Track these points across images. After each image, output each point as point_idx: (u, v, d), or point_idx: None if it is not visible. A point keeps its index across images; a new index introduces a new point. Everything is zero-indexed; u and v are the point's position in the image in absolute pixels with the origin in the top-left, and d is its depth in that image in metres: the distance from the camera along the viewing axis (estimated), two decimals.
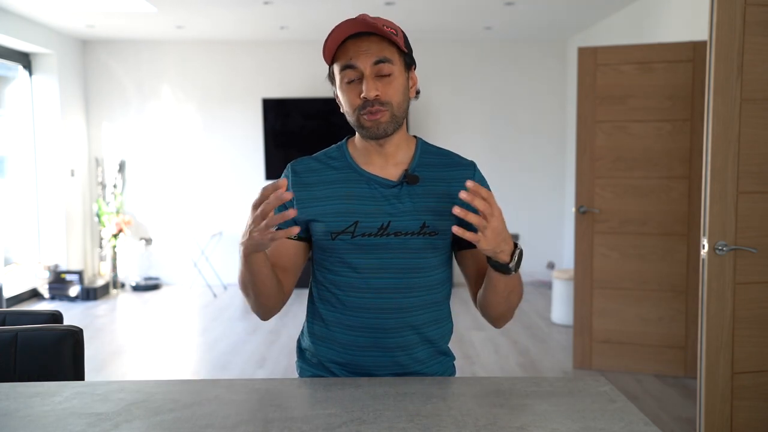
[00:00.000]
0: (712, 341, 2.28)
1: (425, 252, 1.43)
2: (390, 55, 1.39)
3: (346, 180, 1.46)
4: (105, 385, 1.36)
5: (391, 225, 1.41)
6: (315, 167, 1.50)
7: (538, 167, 6.98)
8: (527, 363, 4.33)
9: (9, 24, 5.49)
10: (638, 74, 3.92)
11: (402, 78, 1.42)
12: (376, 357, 1.44)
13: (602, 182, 4.03)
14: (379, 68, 1.38)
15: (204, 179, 6.94)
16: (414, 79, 1.48)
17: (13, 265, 6.22)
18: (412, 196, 1.43)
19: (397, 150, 1.47)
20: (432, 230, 1.42)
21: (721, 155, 2.22)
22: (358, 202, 1.43)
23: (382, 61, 1.38)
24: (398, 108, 1.41)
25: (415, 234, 1.41)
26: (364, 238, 1.41)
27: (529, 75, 6.93)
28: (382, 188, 1.44)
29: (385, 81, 1.39)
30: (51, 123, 6.30)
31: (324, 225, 1.44)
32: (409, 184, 1.44)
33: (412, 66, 1.47)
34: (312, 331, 1.51)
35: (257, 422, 1.15)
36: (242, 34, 6.48)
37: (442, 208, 1.42)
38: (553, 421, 1.15)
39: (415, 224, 1.42)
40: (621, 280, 4.04)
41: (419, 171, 1.46)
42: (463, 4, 5.30)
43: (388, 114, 1.40)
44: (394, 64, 1.40)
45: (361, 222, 1.42)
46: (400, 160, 1.47)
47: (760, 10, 2.19)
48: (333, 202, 1.44)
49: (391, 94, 1.40)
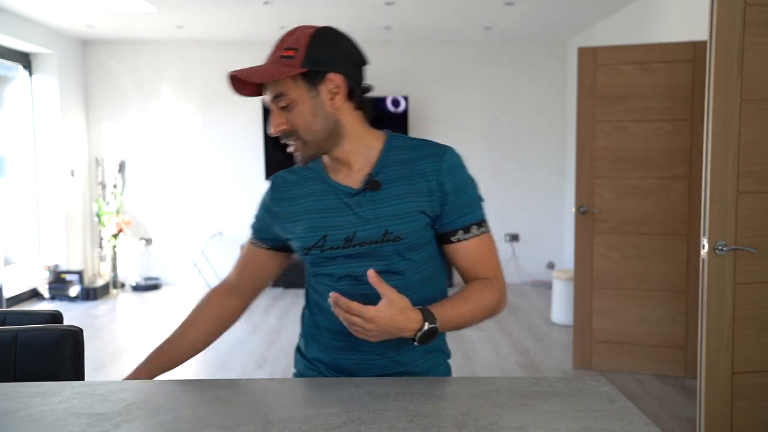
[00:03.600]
0: (712, 341, 2.28)
1: (394, 257, 1.40)
2: (284, 88, 1.35)
3: (317, 192, 1.45)
4: (105, 385, 1.36)
5: (357, 236, 1.40)
6: (291, 180, 1.50)
7: (538, 167, 6.98)
8: (527, 363, 4.33)
9: (9, 24, 5.49)
10: (638, 74, 3.92)
11: (305, 101, 1.36)
12: (354, 360, 1.45)
13: (602, 182, 4.03)
14: (278, 102, 1.37)
15: (204, 179, 6.94)
16: (333, 88, 1.37)
17: (13, 265, 6.22)
18: (374, 203, 1.40)
19: (353, 155, 1.43)
20: (395, 236, 1.38)
21: (721, 155, 2.22)
22: (327, 215, 1.42)
23: (277, 96, 1.37)
24: (307, 132, 1.37)
25: (379, 242, 1.39)
26: (333, 251, 1.41)
27: (529, 75, 6.93)
28: (346, 197, 1.42)
29: (288, 111, 1.37)
30: (51, 123, 6.30)
31: (297, 241, 1.46)
32: (371, 190, 1.40)
33: (326, 74, 1.36)
34: (304, 331, 1.56)
35: (257, 422, 1.15)
36: (242, 34, 6.48)
37: (404, 210, 1.39)
38: (553, 421, 1.15)
39: (377, 233, 1.39)
40: (621, 280, 4.04)
41: (384, 172, 1.42)
42: (463, 4, 5.30)
43: (300, 142, 1.39)
44: (290, 92, 1.35)
45: (329, 235, 1.41)
46: (363, 165, 1.43)
47: (760, 10, 2.19)
48: (304, 218, 1.44)
49: (294, 123, 1.37)
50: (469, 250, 1.44)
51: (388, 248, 1.39)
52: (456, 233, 1.43)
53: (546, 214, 7.01)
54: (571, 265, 5.66)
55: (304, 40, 1.36)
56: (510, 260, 7.00)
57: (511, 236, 6.98)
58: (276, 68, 1.35)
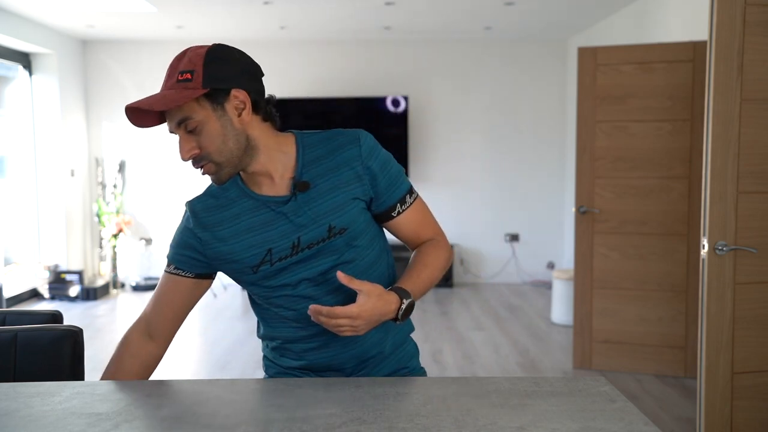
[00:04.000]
0: (712, 341, 2.28)
1: (343, 248, 1.41)
2: (188, 111, 1.32)
3: (247, 210, 1.42)
4: (105, 385, 1.36)
5: (302, 240, 1.39)
6: (211, 204, 1.46)
7: (538, 167, 6.98)
8: (527, 363, 4.33)
9: (9, 24, 5.49)
10: (638, 74, 3.92)
11: (212, 124, 1.33)
12: (332, 354, 1.46)
13: (602, 182, 4.03)
14: (184, 127, 1.34)
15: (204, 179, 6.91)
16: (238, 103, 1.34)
17: (13, 265, 6.22)
18: (309, 203, 1.39)
19: (270, 165, 1.41)
20: (340, 228, 1.39)
21: (721, 155, 2.22)
22: (265, 229, 1.40)
23: (181, 121, 1.34)
24: (219, 154, 1.35)
25: (326, 239, 1.39)
26: (282, 261, 1.40)
27: (529, 75, 6.93)
28: (279, 207, 1.40)
29: (195, 134, 1.34)
30: (51, 123, 6.30)
31: (240, 263, 1.42)
32: (302, 191, 1.39)
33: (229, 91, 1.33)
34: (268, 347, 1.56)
35: (257, 422, 1.15)
36: (242, 34, 6.48)
37: (340, 201, 1.40)
38: (553, 421, 1.15)
39: (321, 231, 1.39)
40: (621, 280, 4.04)
41: (307, 171, 1.40)
42: (463, 4, 5.30)
43: (212, 165, 1.37)
44: (196, 115, 1.32)
45: (273, 248, 1.40)
46: (283, 171, 1.41)
47: (760, 10, 2.19)
48: (241, 238, 1.41)
49: (204, 146, 1.34)
50: (409, 220, 1.49)
51: (336, 242, 1.40)
52: (395, 208, 1.47)
53: (546, 214, 7.01)
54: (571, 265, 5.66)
55: (199, 61, 1.32)
56: (510, 260, 7.00)
57: (511, 236, 6.98)
58: (177, 93, 1.31)
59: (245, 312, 5.85)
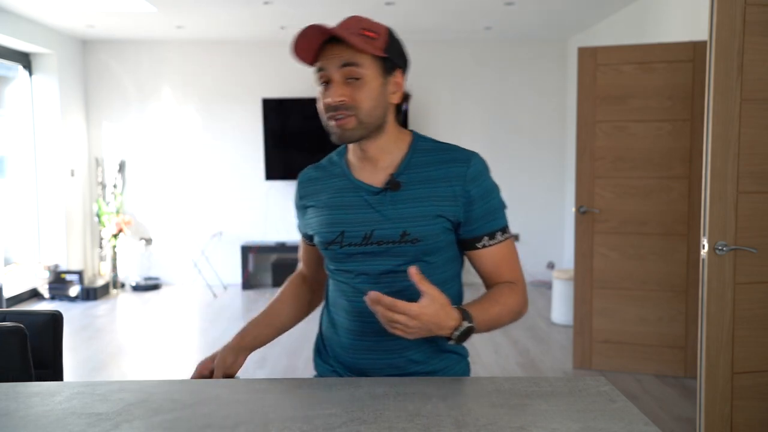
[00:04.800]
0: (712, 341, 2.28)
1: (412, 258, 1.40)
2: (360, 60, 1.34)
3: (338, 188, 1.47)
4: (105, 385, 1.36)
5: (374, 234, 1.40)
6: (315, 176, 1.53)
7: (538, 167, 6.98)
8: (527, 363, 4.33)
9: (9, 24, 5.49)
10: (638, 74, 3.92)
11: (375, 83, 1.36)
12: (370, 359, 1.45)
13: (602, 182, 4.03)
14: (347, 71, 1.35)
15: (204, 179, 6.94)
16: (398, 84, 1.41)
17: (13, 265, 6.22)
18: (394, 203, 1.40)
19: (382, 154, 1.44)
20: (414, 238, 1.38)
21: (721, 155, 2.22)
22: (345, 211, 1.43)
23: (349, 64, 1.34)
24: (367, 114, 1.37)
25: (396, 243, 1.39)
26: (351, 247, 1.42)
27: (529, 75, 6.93)
28: (367, 195, 1.42)
29: (354, 85, 1.35)
30: (51, 123, 6.30)
31: (317, 236, 1.48)
32: (392, 190, 1.40)
33: (397, 69, 1.41)
34: (322, 331, 1.58)
35: (257, 422, 1.15)
36: (242, 34, 6.48)
37: (425, 213, 1.39)
38: (553, 421, 1.15)
39: (395, 233, 1.39)
40: (621, 280, 4.04)
41: (408, 173, 1.42)
42: (463, 4, 5.30)
43: (354, 120, 1.36)
44: (365, 68, 1.35)
45: (347, 232, 1.42)
46: (388, 164, 1.44)
47: (760, 10, 2.19)
48: (324, 213, 1.46)
49: (359, 99, 1.35)
50: (493, 256, 1.45)
51: (406, 249, 1.39)
52: (481, 239, 1.44)
53: (546, 214, 7.01)
54: (571, 265, 5.66)
55: (384, 30, 1.39)
56: None
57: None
58: (363, 41, 1.34)
59: (245, 312, 5.85)
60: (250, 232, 6.93)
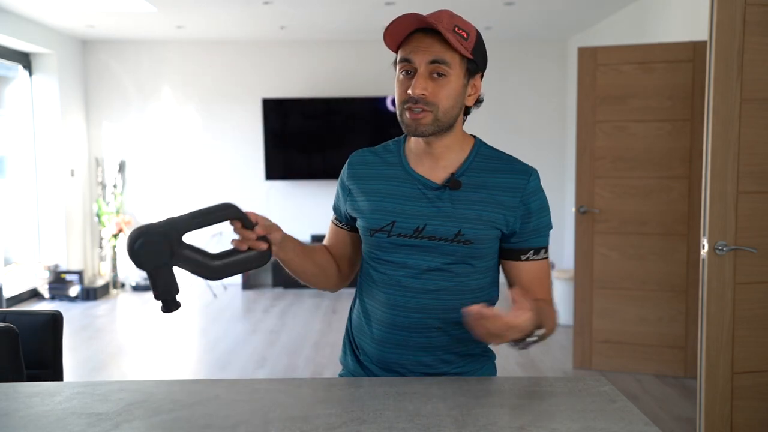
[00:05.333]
0: (712, 341, 2.28)
1: (459, 259, 1.41)
2: (449, 58, 1.35)
3: (393, 177, 1.46)
4: (105, 385, 1.36)
5: (427, 228, 1.40)
6: (370, 161, 1.51)
7: (538, 167, 6.86)
8: (527, 363, 4.33)
9: (9, 24, 5.49)
10: (638, 74, 3.92)
11: (458, 83, 1.38)
12: (402, 355, 1.45)
13: (602, 182, 4.03)
14: (434, 68, 1.35)
15: (204, 179, 6.94)
16: (476, 87, 1.43)
17: (13, 265, 6.22)
18: (453, 202, 1.41)
19: (446, 152, 1.44)
20: (467, 239, 1.39)
21: (721, 155, 2.22)
22: (399, 201, 1.43)
23: (438, 61, 1.35)
24: (445, 113, 1.37)
25: (449, 240, 1.39)
26: (399, 238, 1.41)
27: (529, 75, 6.93)
28: (425, 190, 1.42)
29: (438, 82, 1.36)
30: (51, 123, 6.30)
31: (364, 221, 1.46)
32: (452, 189, 1.41)
33: (478, 73, 1.43)
34: (354, 320, 1.56)
35: (257, 422, 1.15)
36: (242, 34, 6.48)
37: (482, 217, 1.40)
38: (553, 421, 1.15)
39: (450, 231, 1.39)
40: (621, 280, 4.04)
41: (468, 175, 1.43)
42: (463, 4, 5.29)
43: (431, 116, 1.36)
44: (452, 67, 1.36)
45: (398, 222, 1.41)
46: (449, 163, 1.44)
47: (760, 10, 2.19)
48: (375, 199, 1.45)
49: (440, 97, 1.36)
50: (534, 271, 1.46)
51: (456, 249, 1.40)
52: (527, 252, 1.45)
53: None
54: (571, 265, 5.66)
55: (474, 33, 1.39)
56: None
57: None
58: (457, 40, 1.35)
59: (245, 312, 5.85)
60: None
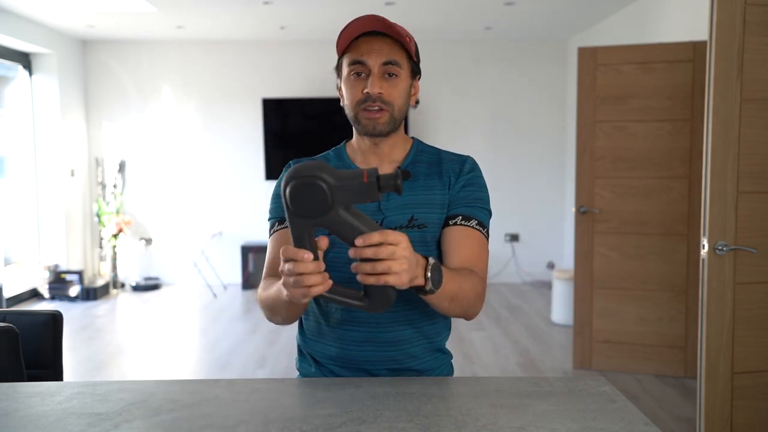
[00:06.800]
0: (712, 341, 2.28)
1: (415, 245, 1.34)
2: (400, 59, 1.44)
3: None
4: (105, 385, 1.36)
5: (385, 221, 1.44)
6: None
7: (538, 167, 6.98)
8: (527, 363, 4.33)
9: (9, 24, 5.49)
10: (638, 74, 3.92)
11: (407, 83, 1.47)
12: (369, 351, 1.45)
13: (602, 182, 4.03)
14: (387, 69, 1.42)
15: (204, 179, 6.94)
16: (416, 87, 1.52)
17: (13, 265, 6.22)
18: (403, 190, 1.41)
19: (392, 150, 1.51)
20: (421, 223, 1.44)
21: (721, 155, 2.22)
22: None
23: (391, 62, 1.42)
24: (398, 111, 1.45)
25: (403, 227, 1.43)
26: None
27: (529, 75, 6.93)
28: None
29: (391, 82, 1.43)
30: (51, 123, 6.30)
31: None
32: (404, 179, 1.45)
33: (418, 75, 1.52)
34: (306, 327, 1.54)
35: (257, 422, 1.15)
36: (242, 34, 6.48)
37: (430, 201, 1.46)
38: (553, 421, 1.15)
39: (403, 218, 1.44)
40: (621, 280, 4.04)
41: (413, 167, 1.50)
42: (463, 4, 5.30)
43: (388, 115, 1.44)
44: (402, 68, 1.44)
45: None
46: (394, 159, 1.52)
47: (760, 10, 2.19)
48: None
49: (394, 96, 1.43)
50: (461, 234, 1.44)
51: (412, 235, 1.42)
52: (456, 218, 1.46)
53: (546, 214, 7.01)
54: (571, 265, 5.66)
55: (413, 39, 1.48)
56: (510, 260, 7.00)
57: (511, 236, 6.98)
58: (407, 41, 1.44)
59: (245, 312, 5.85)
60: (250, 232, 6.92)
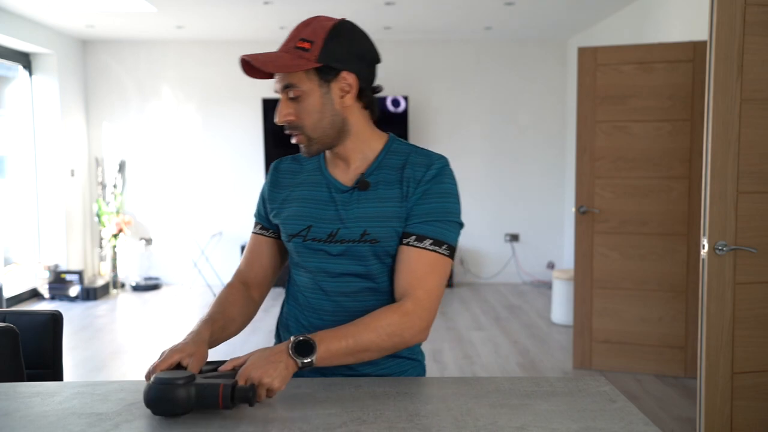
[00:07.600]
0: (712, 341, 2.28)
1: (369, 259, 1.39)
2: (296, 79, 1.34)
3: (312, 183, 1.46)
4: (105, 385, 1.36)
5: (339, 232, 1.39)
6: (292, 168, 1.51)
7: (538, 167, 6.98)
8: (527, 363, 4.33)
9: (9, 24, 5.49)
10: (638, 74, 3.92)
11: (314, 96, 1.34)
12: None
13: (602, 182, 4.03)
14: (287, 92, 1.36)
15: (204, 179, 6.94)
16: (348, 83, 1.35)
17: (13, 265, 6.22)
18: (360, 202, 1.39)
19: (354, 154, 1.42)
20: (373, 238, 1.37)
21: (721, 155, 2.22)
22: (315, 206, 1.42)
23: (288, 86, 1.36)
24: (313, 129, 1.36)
25: (356, 242, 1.38)
26: (314, 242, 1.41)
27: (529, 75, 6.93)
28: (336, 193, 1.42)
29: (297, 103, 1.36)
30: (51, 123, 6.30)
31: (284, 227, 1.46)
32: (360, 189, 1.40)
33: (341, 72, 1.35)
34: (281, 321, 1.58)
35: (257, 422, 1.15)
36: (242, 34, 6.48)
37: (385, 214, 1.37)
38: (553, 421, 1.15)
39: (356, 232, 1.38)
40: (621, 280, 4.04)
41: (376, 174, 1.40)
42: (463, 4, 5.30)
43: (304, 138, 1.38)
44: (301, 84, 1.34)
45: (314, 227, 1.41)
46: (359, 164, 1.42)
47: (760, 10, 2.19)
48: (294, 205, 1.45)
49: (302, 116, 1.36)
50: (408, 257, 1.35)
51: (365, 249, 1.38)
52: (410, 237, 1.36)
53: (546, 214, 7.01)
54: (571, 265, 5.66)
55: (322, 33, 1.34)
56: (510, 260, 7.00)
57: (511, 236, 6.98)
58: (291, 59, 1.34)
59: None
60: (250, 232, 6.92)
